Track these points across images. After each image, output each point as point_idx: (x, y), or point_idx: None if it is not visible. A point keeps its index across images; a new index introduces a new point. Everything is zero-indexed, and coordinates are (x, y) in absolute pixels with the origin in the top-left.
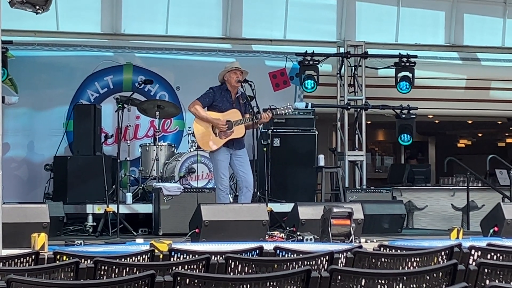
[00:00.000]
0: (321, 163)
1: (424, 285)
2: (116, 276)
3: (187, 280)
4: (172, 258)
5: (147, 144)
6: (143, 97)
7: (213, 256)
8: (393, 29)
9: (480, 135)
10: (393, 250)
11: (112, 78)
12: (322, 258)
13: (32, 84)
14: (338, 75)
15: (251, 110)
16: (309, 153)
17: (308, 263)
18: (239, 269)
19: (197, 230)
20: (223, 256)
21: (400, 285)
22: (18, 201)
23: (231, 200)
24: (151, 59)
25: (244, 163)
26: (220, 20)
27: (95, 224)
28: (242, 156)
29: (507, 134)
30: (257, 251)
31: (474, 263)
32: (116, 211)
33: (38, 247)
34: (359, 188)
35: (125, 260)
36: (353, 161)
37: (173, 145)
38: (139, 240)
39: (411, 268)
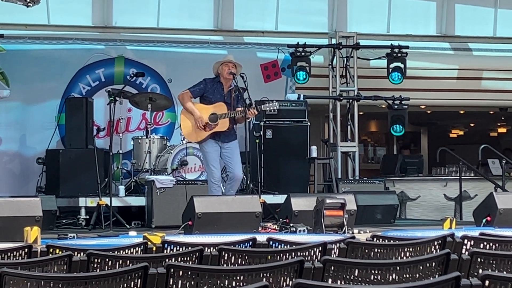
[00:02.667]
0: (314, 154)
1: (417, 275)
2: (109, 268)
3: (181, 272)
4: (165, 251)
5: (140, 137)
6: (135, 90)
7: (206, 248)
8: (384, 20)
9: (472, 125)
10: (386, 241)
11: (104, 71)
12: (315, 249)
13: (24, 78)
14: (330, 66)
15: (243, 102)
16: (301, 144)
17: (301, 254)
18: (232, 261)
19: (190, 222)
20: (216, 248)
21: (394, 275)
22: (10, 195)
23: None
24: (142, 52)
25: (233, 155)
26: (212, 12)
27: (88, 217)
28: (231, 148)
29: (499, 124)
30: (250, 242)
31: (467, 253)
32: (109, 204)
33: (31, 240)
34: (352, 179)
35: (118, 253)
36: (345, 152)
37: (165, 138)
38: (132, 233)
39: (404, 258)
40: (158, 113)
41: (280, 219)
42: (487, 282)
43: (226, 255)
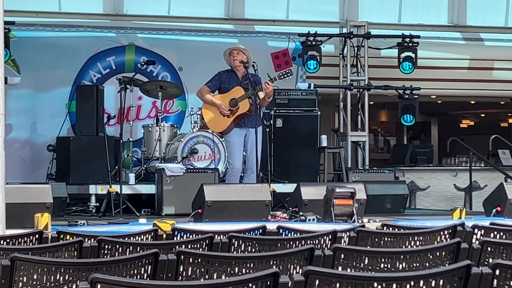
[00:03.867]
0: (324, 143)
1: (427, 264)
2: (119, 255)
3: (191, 258)
4: (175, 238)
5: (150, 125)
6: (146, 77)
7: (216, 236)
8: (396, 9)
9: (483, 115)
10: (396, 229)
11: (115, 58)
12: (325, 237)
13: (35, 65)
14: (341, 55)
15: (257, 87)
16: (311, 133)
17: (311, 242)
18: (242, 248)
19: (200, 210)
20: (226, 235)
21: (403, 263)
22: (21, 181)
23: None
24: (153, 40)
25: (251, 143)
26: (223, 1)
27: (98, 204)
28: (252, 137)
29: (510, 114)
30: (260, 230)
31: (477, 242)
32: (119, 192)
33: (41, 227)
34: (362, 168)
35: (129, 240)
36: (355, 141)
37: (175, 126)
38: (142, 221)
39: (414, 246)
40: (169, 101)
41: (290, 208)
42: (497, 271)
43: (236, 242)
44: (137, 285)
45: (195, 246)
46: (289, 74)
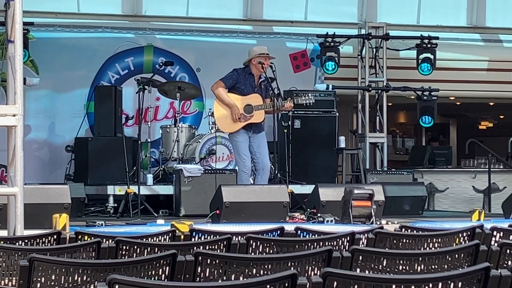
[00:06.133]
0: (342, 145)
1: (446, 266)
2: (137, 256)
3: (209, 260)
4: (193, 239)
5: (168, 126)
6: (163, 78)
7: (234, 237)
8: (414, 11)
9: (502, 117)
10: (415, 231)
11: (133, 59)
12: (343, 239)
13: (53, 66)
14: (359, 56)
15: (271, 92)
16: (329, 135)
17: (329, 243)
18: (260, 250)
19: (218, 211)
20: (244, 236)
21: (422, 265)
22: (39, 182)
23: (252, 182)
24: (171, 41)
25: (261, 145)
26: (241, 2)
27: (116, 205)
28: (260, 139)
29: None
30: (278, 231)
31: (496, 244)
32: (137, 192)
33: (59, 227)
34: (380, 170)
35: (147, 240)
36: (374, 143)
37: (193, 127)
38: (160, 221)
39: (432, 248)
40: (186, 102)
41: (308, 209)
42: None
43: (254, 243)
44: (155, 286)
45: (213, 247)
46: (311, 102)
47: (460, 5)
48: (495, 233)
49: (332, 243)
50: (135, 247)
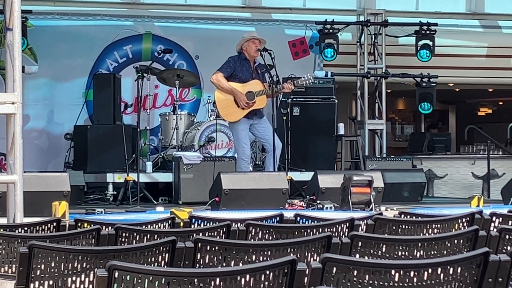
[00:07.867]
0: (341, 131)
1: (445, 251)
2: (137, 242)
3: (208, 246)
4: (192, 226)
5: (167, 113)
6: (162, 66)
7: (233, 223)
8: None
9: (501, 103)
10: (414, 217)
11: (131, 47)
12: (342, 225)
13: (52, 54)
14: (358, 43)
15: (270, 79)
16: (329, 122)
17: (329, 230)
18: (260, 236)
19: (217, 198)
20: (244, 223)
21: (421, 251)
22: (38, 170)
23: (251, 170)
24: (170, 28)
25: (267, 129)
26: None
27: (115, 193)
28: (264, 123)
29: None
30: (278, 218)
31: (495, 230)
32: (136, 180)
33: (59, 215)
34: (379, 156)
35: (146, 227)
36: (373, 129)
37: (192, 114)
38: (160, 209)
39: (432, 234)
40: (184, 90)
41: (307, 196)
42: None
43: (253, 230)
44: (154, 273)
45: (213, 234)
46: (310, 81)
47: None
48: (494, 218)
49: (332, 229)
50: (135, 234)
